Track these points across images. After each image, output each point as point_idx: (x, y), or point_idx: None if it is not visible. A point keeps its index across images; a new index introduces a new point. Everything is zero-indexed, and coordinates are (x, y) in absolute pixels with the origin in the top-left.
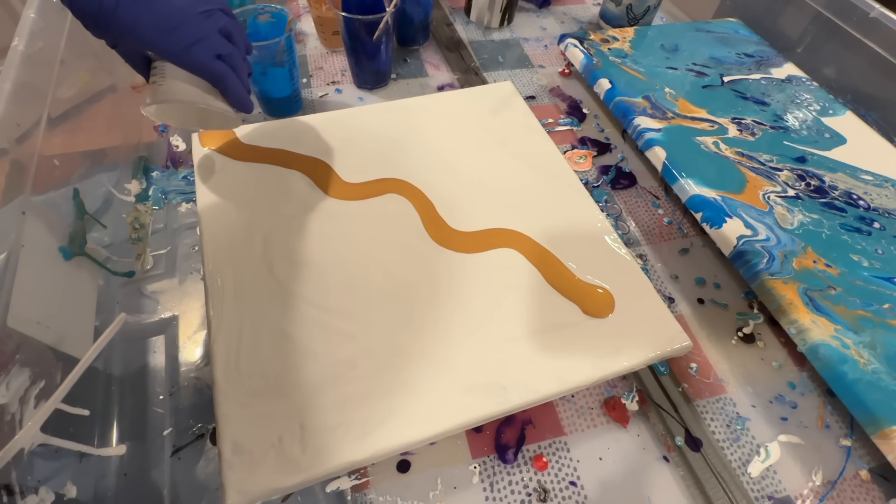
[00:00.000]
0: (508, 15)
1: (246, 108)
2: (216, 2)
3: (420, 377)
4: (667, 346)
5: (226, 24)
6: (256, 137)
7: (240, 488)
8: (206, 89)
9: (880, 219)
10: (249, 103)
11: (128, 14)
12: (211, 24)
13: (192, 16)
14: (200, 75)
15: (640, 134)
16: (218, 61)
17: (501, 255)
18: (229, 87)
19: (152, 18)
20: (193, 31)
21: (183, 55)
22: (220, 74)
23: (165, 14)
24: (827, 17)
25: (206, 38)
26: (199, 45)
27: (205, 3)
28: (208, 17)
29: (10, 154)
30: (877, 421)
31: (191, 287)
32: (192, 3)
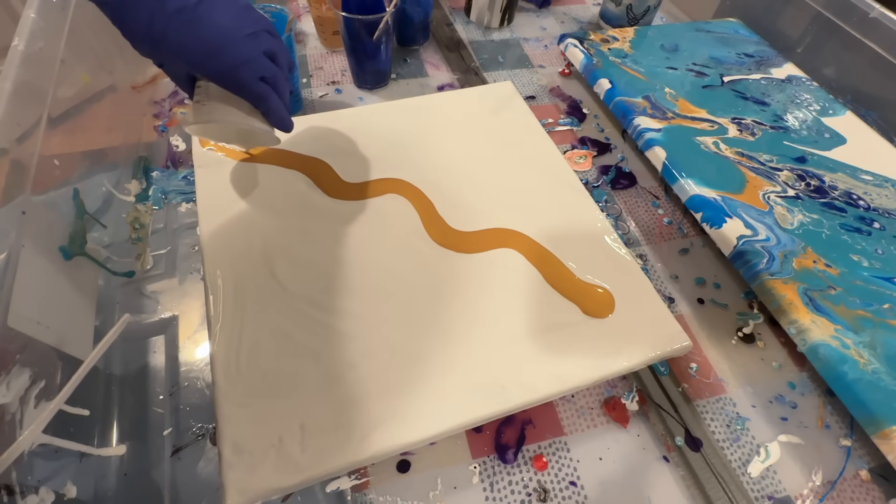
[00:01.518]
0: (508, 15)
1: (286, 127)
2: (261, 23)
3: (420, 377)
4: (667, 346)
5: (270, 46)
6: None
7: (240, 488)
8: (248, 109)
9: (880, 219)
10: (290, 123)
11: (176, 37)
12: (256, 45)
13: (238, 38)
14: (244, 97)
15: (640, 134)
16: (261, 83)
17: (501, 255)
18: (271, 108)
19: (199, 41)
20: (239, 54)
21: (227, 77)
22: (263, 96)
23: (212, 37)
24: (827, 17)
25: (251, 61)
26: (244, 68)
27: (251, 24)
28: (254, 38)
29: (10, 154)
30: (877, 421)
31: (191, 287)
32: (238, 26)
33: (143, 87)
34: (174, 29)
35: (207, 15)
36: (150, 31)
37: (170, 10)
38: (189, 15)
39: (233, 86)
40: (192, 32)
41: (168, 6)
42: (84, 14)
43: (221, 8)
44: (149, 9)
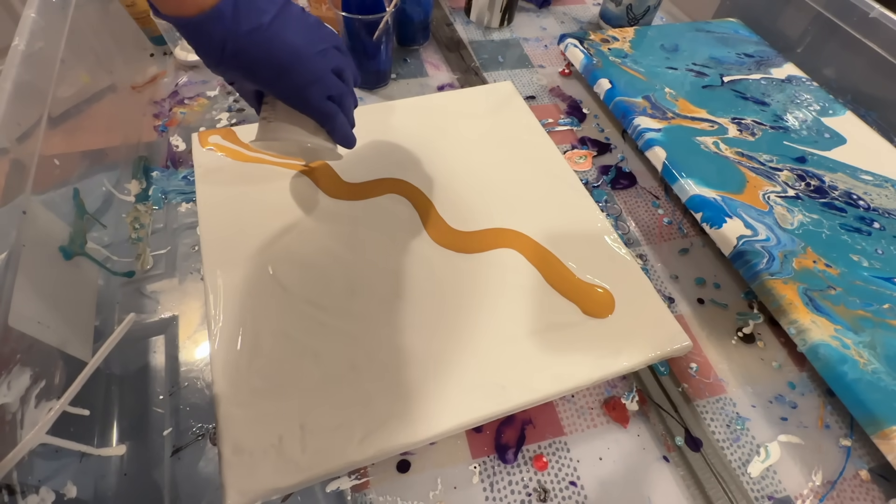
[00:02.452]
0: (508, 15)
1: (350, 144)
2: (330, 39)
3: (420, 377)
4: (667, 346)
5: (339, 63)
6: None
7: (240, 488)
8: (314, 127)
9: (880, 219)
10: (353, 140)
11: (248, 56)
12: (325, 64)
13: (308, 57)
14: (310, 115)
15: (640, 134)
16: (328, 102)
17: (501, 255)
18: (336, 126)
19: (270, 61)
20: (308, 73)
21: (295, 96)
22: (330, 115)
23: (283, 56)
24: (827, 17)
25: (319, 80)
26: (312, 87)
27: (321, 41)
28: (323, 56)
29: (11, 154)
30: (877, 421)
31: (191, 287)
32: (308, 44)
33: (143, 87)
34: (247, 48)
35: (279, 34)
36: (224, 50)
37: (244, 30)
38: (262, 34)
39: (300, 104)
40: (264, 51)
41: (242, 26)
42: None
43: (293, 26)
44: (223, 29)
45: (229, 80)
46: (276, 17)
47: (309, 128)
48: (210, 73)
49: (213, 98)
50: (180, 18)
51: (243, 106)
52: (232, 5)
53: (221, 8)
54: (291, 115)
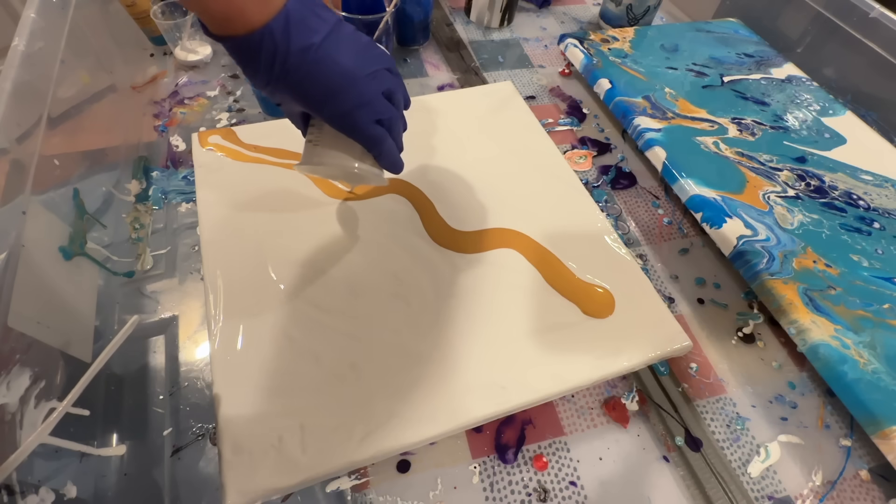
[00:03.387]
0: (508, 15)
1: (397, 170)
2: (382, 60)
3: (420, 377)
4: (667, 346)
5: (390, 85)
6: (256, 137)
7: (240, 488)
8: (360, 152)
9: (880, 219)
10: (401, 165)
11: (297, 78)
12: (375, 86)
13: (358, 79)
14: (358, 140)
15: (640, 134)
16: (376, 126)
17: (501, 255)
18: (384, 152)
19: (320, 83)
20: (357, 96)
21: (343, 120)
22: (377, 140)
23: (333, 79)
24: (827, 17)
25: (369, 104)
26: (361, 111)
27: (372, 62)
28: (374, 78)
29: (10, 154)
30: (877, 421)
31: (191, 287)
32: (359, 65)
33: (143, 87)
34: (296, 68)
35: (330, 54)
36: (272, 70)
37: (294, 50)
38: (313, 54)
39: (348, 129)
40: (314, 73)
41: (292, 45)
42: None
43: (345, 46)
44: (272, 49)
45: (276, 100)
46: (327, 36)
47: (355, 153)
48: (210, 73)
49: (213, 98)
50: (229, 38)
51: (243, 106)
52: (283, 24)
53: (272, 26)
54: (338, 139)
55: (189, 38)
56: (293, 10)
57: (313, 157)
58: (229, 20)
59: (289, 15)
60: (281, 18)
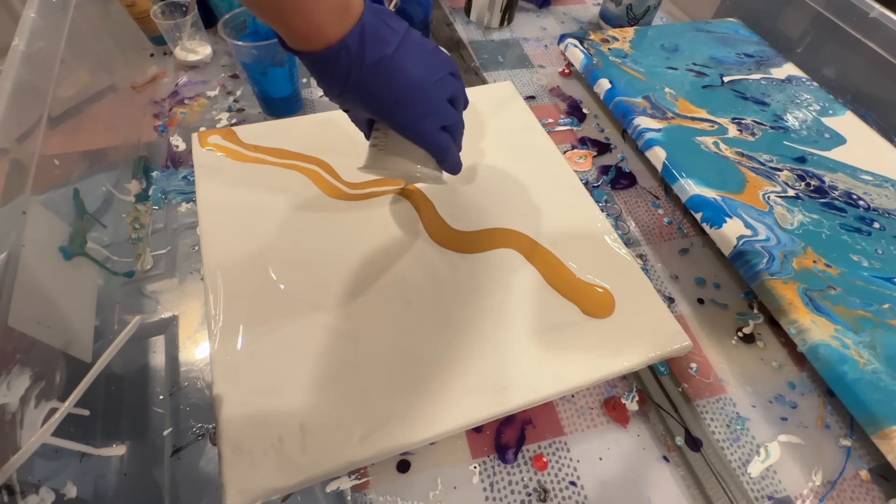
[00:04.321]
0: (508, 15)
1: (456, 172)
2: (447, 65)
3: (420, 377)
4: (667, 346)
5: (454, 90)
6: (256, 137)
7: (240, 488)
8: (423, 156)
9: (880, 219)
10: (460, 166)
11: (369, 89)
12: (441, 93)
13: (426, 88)
14: (424, 147)
15: (640, 134)
16: (442, 133)
17: (501, 255)
18: (447, 157)
19: (390, 92)
20: (424, 104)
21: (411, 127)
22: (443, 147)
23: (402, 88)
24: (827, 17)
25: (435, 111)
26: (428, 119)
27: (438, 69)
28: (440, 86)
29: (11, 154)
30: (877, 421)
31: (191, 287)
32: (427, 74)
33: (143, 87)
34: (369, 80)
35: (401, 65)
36: (347, 82)
37: (368, 63)
38: (385, 66)
39: (414, 136)
40: (385, 83)
41: (367, 59)
42: (84, 14)
43: (414, 55)
44: (347, 62)
45: (345, 107)
46: (398, 47)
47: (418, 157)
48: (210, 73)
49: (213, 98)
50: (307, 53)
51: (243, 106)
52: (358, 38)
53: (347, 41)
54: (402, 143)
55: (189, 38)
56: (368, 22)
57: (377, 161)
58: (308, 37)
59: (364, 28)
60: (356, 32)
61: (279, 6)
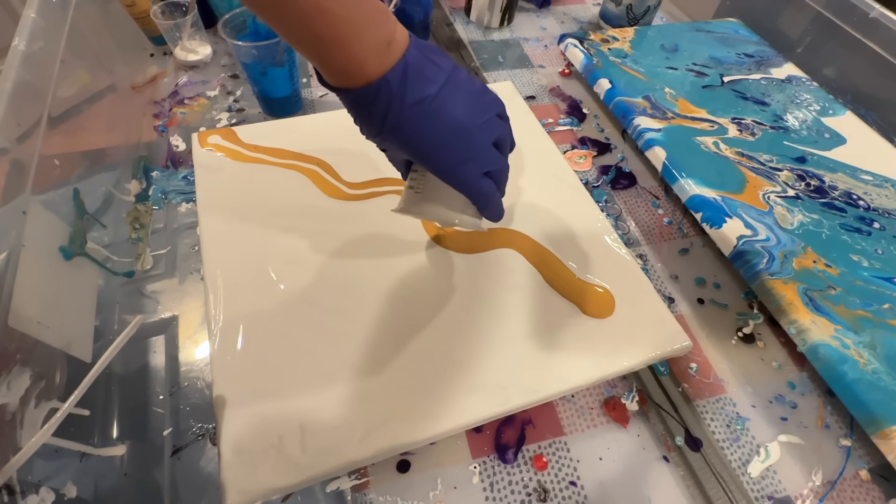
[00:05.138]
0: (508, 15)
1: (498, 220)
2: (494, 106)
3: (420, 377)
4: (667, 346)
5: (500, 133)
6: (256, 137)
7: (240, 488)
8: (462, 203)
9: (880, 219)
10: (502, 214)
11: (409, 129)
12: (487, 136)
13: (470, 131)
14: (464, 194)
15: (640, 134)
16: (485, 179)
17: (501, 255)
18: (490, 205)
19: (430, 134)
20: (467, 148)
21: (452, 173)
22: (485, 194)
23: (445, 131)
24: (827, 17)
25: (478, 156)
26: (470, 164)
27: (484, 110)
28: (485, 128)
29: (11, 154)
30: (877, 421)
31: (191, 287)
32: (473, 116)
33: (143, 87)
34: (409, 120)
35: (445, 106)
36: (385, 122)
37: (409, 102)
38: (427, 106)
39: (455, 182)
40: (426, 124)
41: (408, 98)
42: (84, 14)
43: (460, 96)
44: (387, 100)
45: (382, 147)
46: (443, 86)
47: (458, 204)
48: (210, 73)
49: (213, 98)
50: (345, 90)
51: (243, 106)
52: (400, 76)
53: (389, 78)
54: (441, 188)
55: (189, 38)
56: (411, 59)
57: (413, 205)
58: (347, 73)
59: (407, 65)
60: (399, 69)
61: (320, 40)
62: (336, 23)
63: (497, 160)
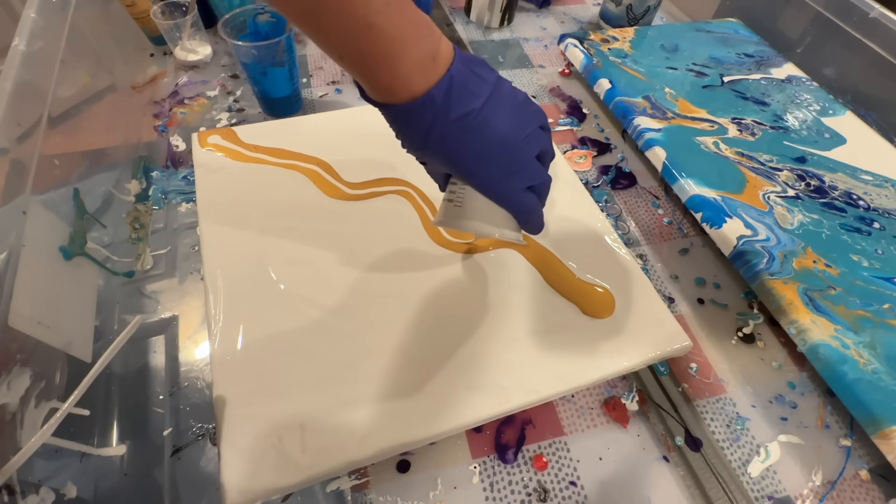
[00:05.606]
0: (508, 15)
1: (539, 231)
2: (537, 118)
3: (420, 377)
4: (667, 346)
5: (543, 145)
6: (256, 137)
7: (240, 488)
8: (503, 217)
9: (880, 219)
10: (542, 227)
11: (452, 144)
12: (530, 149)
13: (514, 144)
14: (506, 208)
15: (640, 134)
16: (527, 193)
17: (501, 255)
18: (531, 220)
19: (474, 148)
20: (511, 163)
21: (495, 188)
22: (527, 209)
23: (489, 144)
24: (827, 17)
25: (522, 170)
26: (513, 179)
27: (528, 122)
28: (529, 141)
29: (11, 154)
30: (877, 421)
31: (191, 287)
32: (516, 129)
33: (143, 87)
34: (453, 135)
35: (489, 119)
36: (428, 137)
37: (454, 117)
38: (472, 121)
39: (496, 196)
40: (470, 139)
41: (453, 113)
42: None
43: (504, 109)
44: (431, 115)
45: (422, 160)
46: (487, 100)
47: (498, 218)
48: (210, 73)
49: (213, 98)
50: (389, 105)
51: (243, 106)
52: (445, 91)
53: (433, 94)
54: (480, 201)
55: (189, 38)
56: (456, 73)
57: (451, 219)
58: (392, 89)
59: (452, 80)
60: (444, 84)
61: (365, 56)
62: (383, 39)
63: (540, 174)
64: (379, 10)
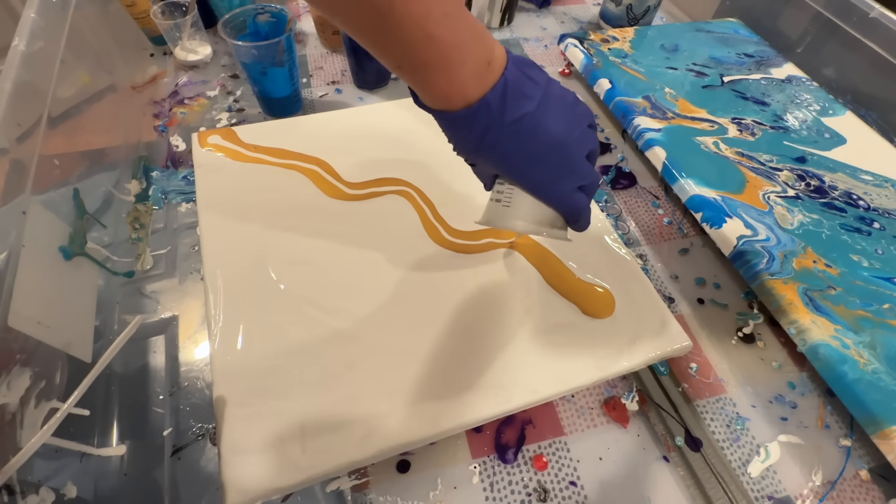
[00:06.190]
0: (508, 15)
1: (585, 229)
2: (586, 117)
3: (420, 377)
4: (667, 346)
5: (592, 145)
6: (256, 137)
7: (240, 488)
8: (551, 217)
9: (880, 219)
10: (589, 224)
11: (505, 147)
12: (580, 150)
13: (566, 145)
14: (556, 209)
15: (640, 134)
16: (578, 194)
17: (501, 256)
18: (581, 220)
19: (526, 150)
20: (563, 163)
21: (546, 189)
22: (578, 210)
23: (541, 146)
24: (827, 17)
25: (573, 171)
26: (565, 180)
27: (578, 122)
28: (579, 141)
29: (10, 154)
30: (877, 421)
31: (191, 287)
32: (568, 130)
33: (143, 87)
34: (506, 138)
35: (542, 121)
36: (482, 141)
37: (508, 120)
38: (525, 124)
39: (547, 198)
40: (523, 142)
41: (507, 117)
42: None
43: (555, 110)
44: (486, 120)
45: (472, 162)
46: (540, 102)
47: (546, 218)
48: (210, 73)
49: (213, 98)
50: (444, 112)
51: (243, 106)
52: (500, 96)
53: (489, 99)
54: (527, 201)
55: (189, 38)
56: (511, 77)
57: (498, 218)
58: (448, 97)
59: (507, 84)
60: (498, 89)
61: (423, 65)
62: (441, 48)
63: (590, 174)
64: (438, 20)
